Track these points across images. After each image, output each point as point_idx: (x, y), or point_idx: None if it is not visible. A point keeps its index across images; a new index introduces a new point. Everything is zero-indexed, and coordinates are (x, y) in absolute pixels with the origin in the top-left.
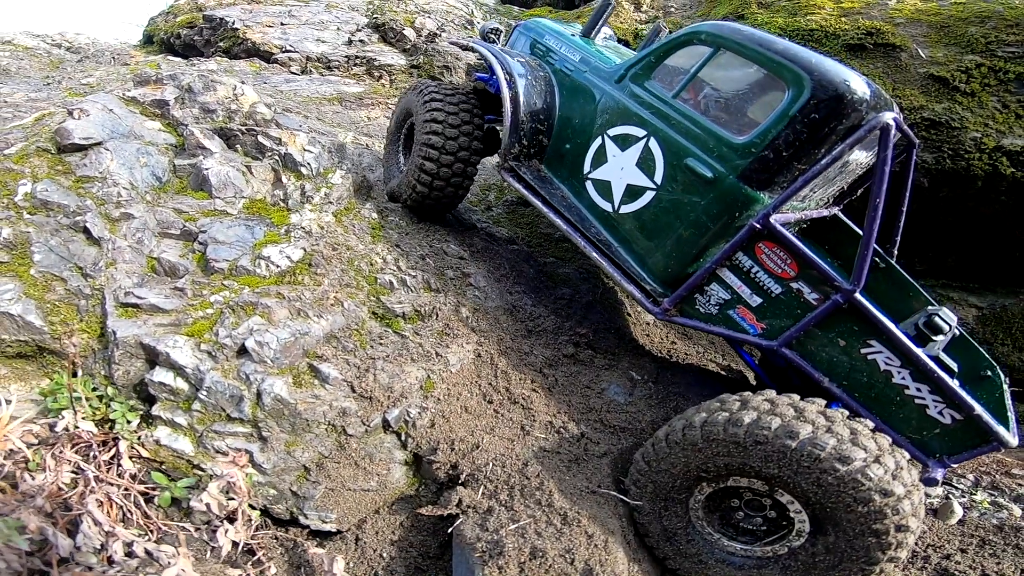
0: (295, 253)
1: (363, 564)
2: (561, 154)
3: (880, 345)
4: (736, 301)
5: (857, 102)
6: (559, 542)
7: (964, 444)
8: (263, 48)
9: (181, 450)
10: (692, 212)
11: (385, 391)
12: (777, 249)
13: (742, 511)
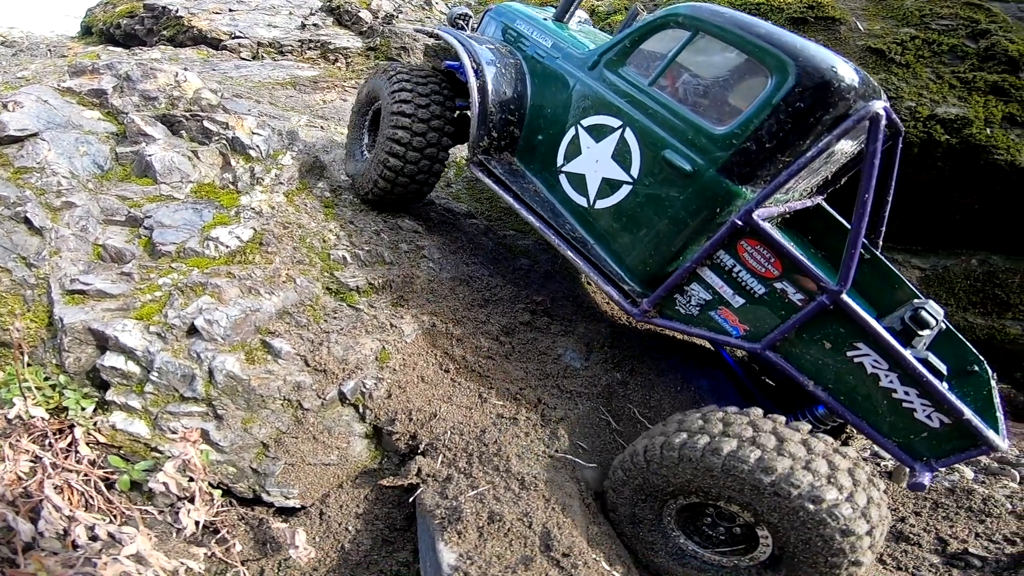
0: (245, 233)
1: (328, 538)
2: (533, 146)
3: (867, 348)
4: (718, 302)
5: (845, 90)
6: (517, 506)
7: (953, 448)
8: (210, 35)
9: (137, 433)
10: (671, 207)
11: (340, 363)
12: (760, 247)
13: (711, 518)
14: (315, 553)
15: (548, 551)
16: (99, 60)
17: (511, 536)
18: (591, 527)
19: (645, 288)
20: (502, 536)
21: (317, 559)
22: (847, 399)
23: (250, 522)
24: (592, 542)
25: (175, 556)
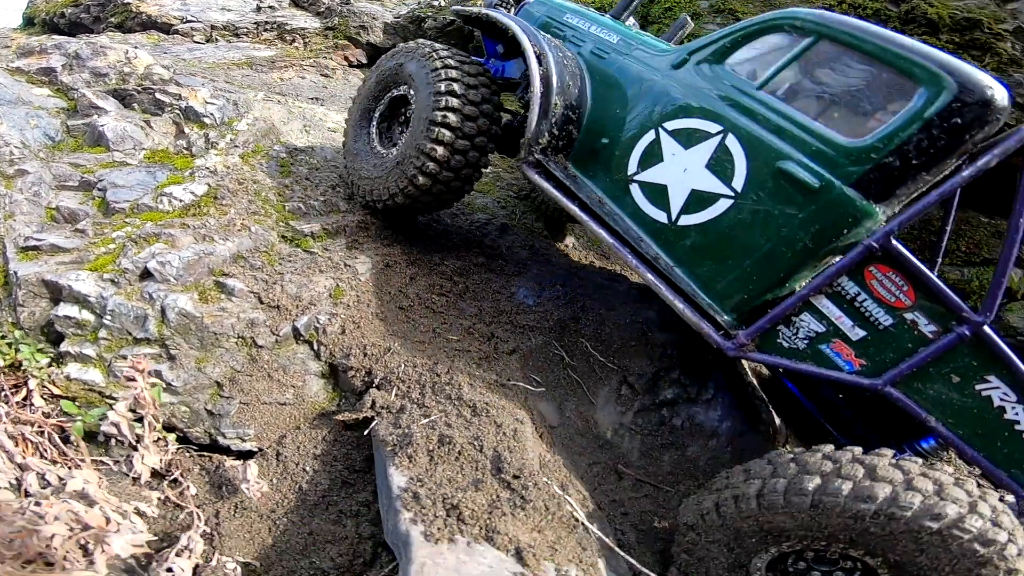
0: (199, 188)
1: (286, 479)
2: (595, 150)
3: (999, 381)
4: (832, 334)
5: (1000, 110)
6: (468, 431)
7: None
8: (160, 20)
9: (92, 381)
10: (785, 226)
11: (293, 300)
12: (892, 273)
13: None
14: (267, 487)
15: (499, 473)
16: (47, 42)
17: (462, 460)
18: (543, 453)
19: (735, 319)
20: (452, 460)
21: (275, 501)
22: (966, 433)
23: (206, 467)
24: (545, 467)
25: (127, 499)
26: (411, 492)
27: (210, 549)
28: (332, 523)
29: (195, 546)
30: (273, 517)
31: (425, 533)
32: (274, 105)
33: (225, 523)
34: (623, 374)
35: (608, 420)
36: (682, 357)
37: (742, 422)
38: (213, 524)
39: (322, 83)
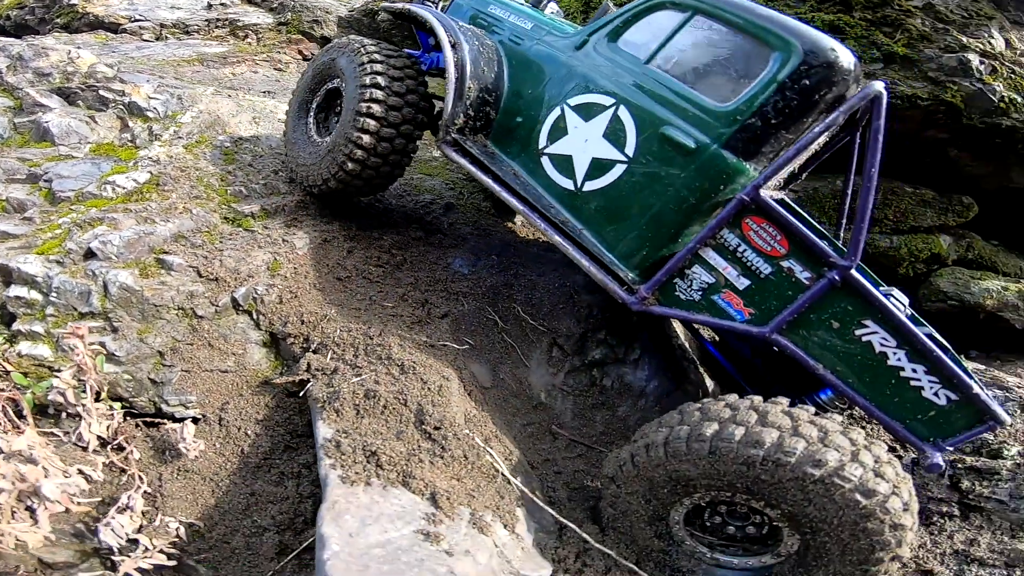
0: (142, 176)
1: (229, 444)
2: (511, 129)
3: (875, 325)
4: (721, 285)
5: (845, 71)
6: (394, 387)
7: (959, 426)
8: (108, 20)
9: (41, 356)
10: (670, 186)
11: (232, 273)
12: (766, 224)
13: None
14: (204, 446)
15: (421, 424)
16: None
17: (387, 413)
18: (471, 410)
19: (638, 274)
20: (378, 414)
21: (218, 464)
22: (855, 381)
23: (150, 434)
24: (470, 422)
25: (72, 463)
26: (334, 442)
27: (153, 510)
28: (274, 484)
29: (136, 504)
30: (216, 479)
31: (342, 476)
32: (223, 99)
33: (168, 485)
34: (553, 336)
35: (541, 382)
36: (608, 318)
37: (670, 381)
38: (156, 486)
39: (275, 77)
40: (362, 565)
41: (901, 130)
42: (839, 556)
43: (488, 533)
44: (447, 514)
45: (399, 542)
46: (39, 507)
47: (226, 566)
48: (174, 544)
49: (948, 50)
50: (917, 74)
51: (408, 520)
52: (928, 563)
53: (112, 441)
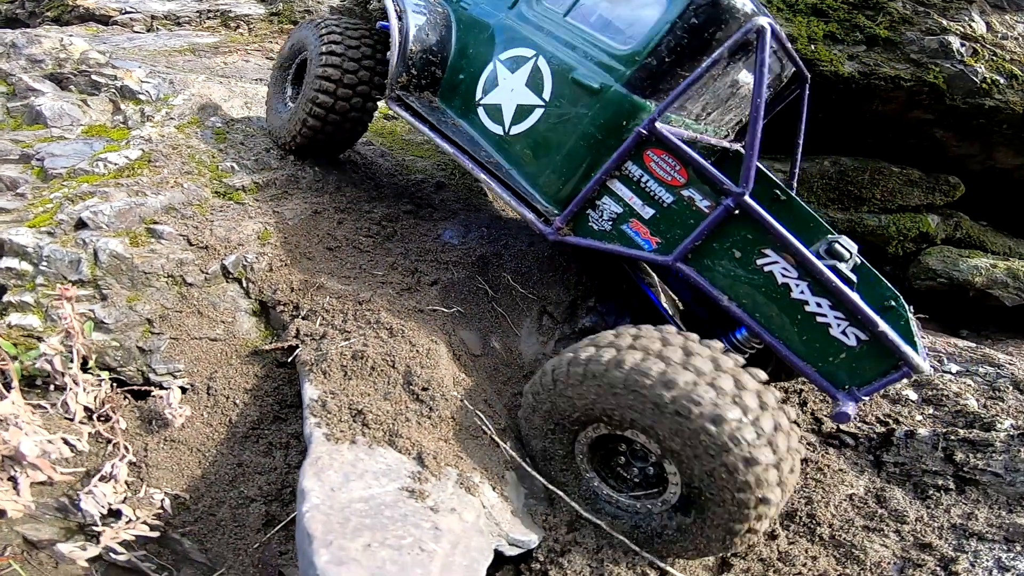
0: (133, 153)
1: (216, 414)
2: (455, 85)
3: (775, 255)
4: (628, 214)
5: (735, 11)
6: (382, 348)
7: (873, 371)
8: (99, 12)
9: (30, 325)
10: (580, 124)
11: (222, 242)
12: (666, 156)
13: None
14: (190, 412)
15: (408, 385)
16: None
17: (375, 375)
18: (458, 374)
19: (558, 207)
20: (365, 375)
21: (205, 434)
22: (763, 317)
23: (137, 404)
24: (459, 385)
25: (57, 432)
26: (320, 401)
27: (137, 481)
28: (261, 455)
29: (119, 473)
30: (202, 450)
31: (327, 434)
32: (215, 85)
33: (153, 455)
34: (543, 304)
35: (531, 350)
36: (597, 286)
37: None
38: (141, 457)
39: (267, 66)
40: (343, 518)
41: (886, 111)
42: (710, 501)
43: (476, 494)
44: (433, 473)
45: (383, 498)
46: (20, 475)
47: (211, 538)
48: (158, 516)
49: (929, 32)
50: (899, 56)
51: (393, 477)
52: (926, 536)
53: (98, 411)
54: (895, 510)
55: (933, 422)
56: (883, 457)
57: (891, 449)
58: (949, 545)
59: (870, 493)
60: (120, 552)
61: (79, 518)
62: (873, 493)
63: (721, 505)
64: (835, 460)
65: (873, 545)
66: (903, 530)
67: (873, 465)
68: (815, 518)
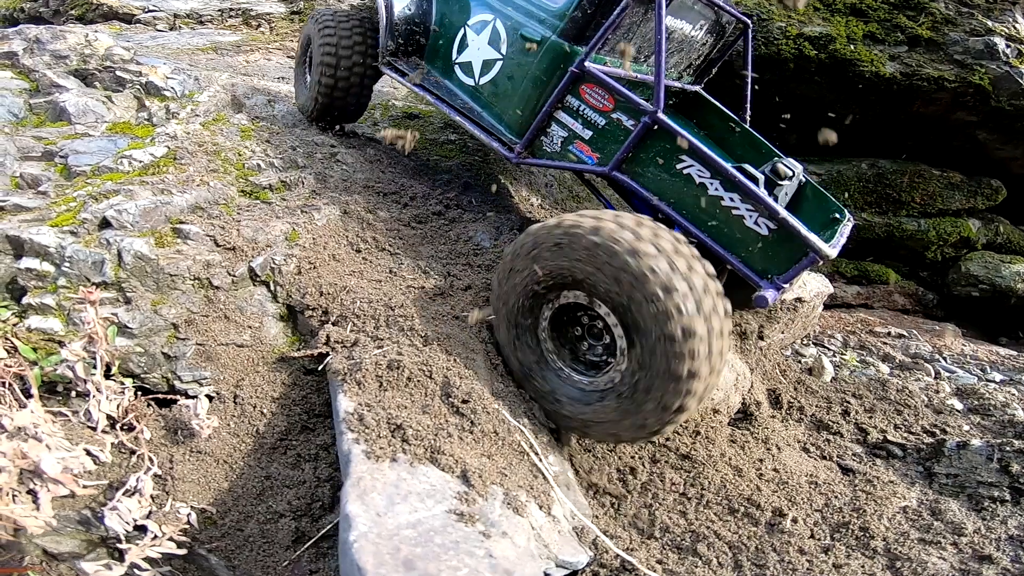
0: (159, 151)
1: (243, 423)
2: (436, 49)
3: (690, 159)
4: (573, 137)
5: None
6: (418, 358)
7: (788, 259)
8: (122, 11)
9: (51, 329)
10: (530, 70)
11: (249, 243)
12: (597, 88)
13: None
14: (218, 423)
15: (448, 398)
16: (7, 29)
17: (411, 385)
18: (496, 383)
19: (519, 139)
20: (402, 386)
21: (232, 445)
22: (689, 213)
23: (162, 412)
24: (499, 396)
25: (79, 443)
26: (357, 415)
27: (163, 494)
28: (290, 467)
29: (144, 487)
30: (229, 462)
31: (367, 451)
32: (239, 82)
33: (179, 467)
34: None
35: None
36: None
37: None
38: (167, 469)
39: (288, 64)
40: (392, 548)
41: (928, 113)
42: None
43: (524, 514)
44: (479, 493)
45: (431, 522)
46: (41, 489)
47: (239, 555)
48: (184, 531)
49: (974, 33)
50: (943, 57)
51: (439, 499)
52: (985, 549)
53: (122, 420)
54: (951, 522)
55: (983, 432)
56: (934, 468)
57: (942, 460)
58: (1008, 557)
59: (923, 505)
60: (145, 569)
61: (102, 531)
62: (927, 505)
63: (660, 376)
64: (883, 472)
65: (931, 558)
66: (960, 542)
67: (923, 476)
68: (868, 531)
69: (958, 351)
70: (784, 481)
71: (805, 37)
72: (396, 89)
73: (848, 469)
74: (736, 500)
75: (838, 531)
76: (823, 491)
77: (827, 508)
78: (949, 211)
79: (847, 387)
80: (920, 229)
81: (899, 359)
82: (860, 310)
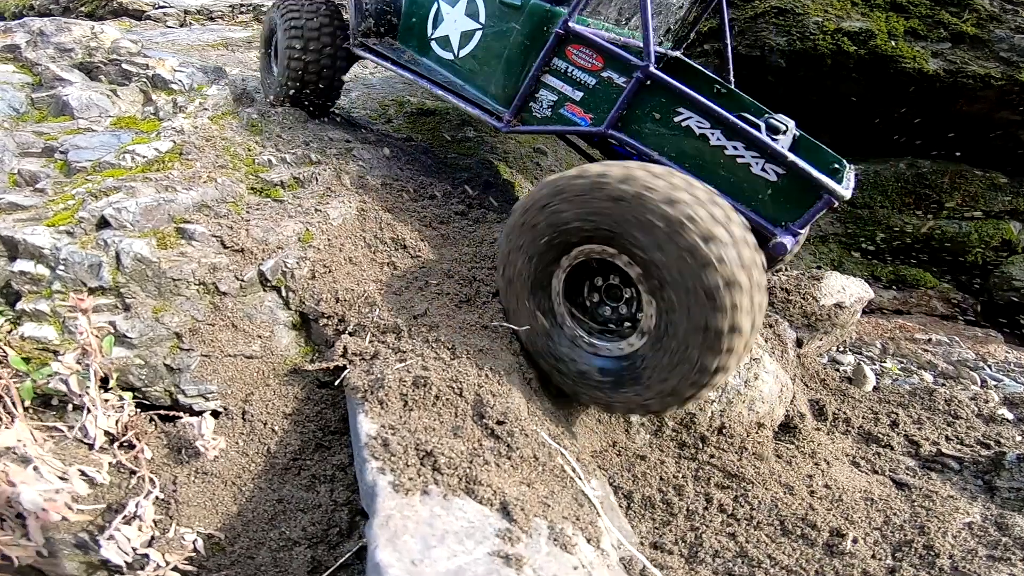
0: (164, 145)
1: (253, 441)
2: (409, 27)
3: (687, 111)
4: (563, 100)
5: None
6: (446, 373)
7: (801, 203)
8: (132, 8)
9: (45, 338)
10: (512, 36)
11: (259, 244)
12: (584, 48)
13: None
14: (224, 444)
15: (481, 419)
16: (12, 22)
17: (439, 404)
18: (532, 401)
19: (507, 107)
20: (429, 405)
21: (240, 465)
22: (692, 165)
23: (165, 429)
24: (534, 415)
25: (73, 462)
26: (380, 439)
27: (166, 519)
28: (304, 489)
29: (145, 513)
30: (238, 483)
31: (394, 483)
32: (249, 76)
33: (183, 490)
34: None
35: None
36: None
37: None
38: (170, 491)
39: None
40: None
41: (971, 111)
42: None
43: (572, 551)
44: (523, 528)
45: (474, 569)
46: (29, 516)
47: None
48: (190, 559)
49: (1020, 31)
50: (988, 54)
51: (479, 539)
52: None
53: (121, 437)
54: (1019, 537)
55: None
56: (995, 482)
57: (1003, 473)
58: None
59: (988, 520)
60: None
61: (102, 553)
62: (992, 520)
63: (695, 334)
64: (941, 486)
65: None
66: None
67: (984, 490)
68: (933, 549)
69: (1002, 358)
70: (838, 498)
71: (843, 32)
72: (409, 86)
73: (903, 484)
74: (790, 520)
75: (901, 550)
76: (880, 508)
77: (886, 526)
78: (991, 213)
79: (891, 397)
80: (961, 231)
81: (941, 367)
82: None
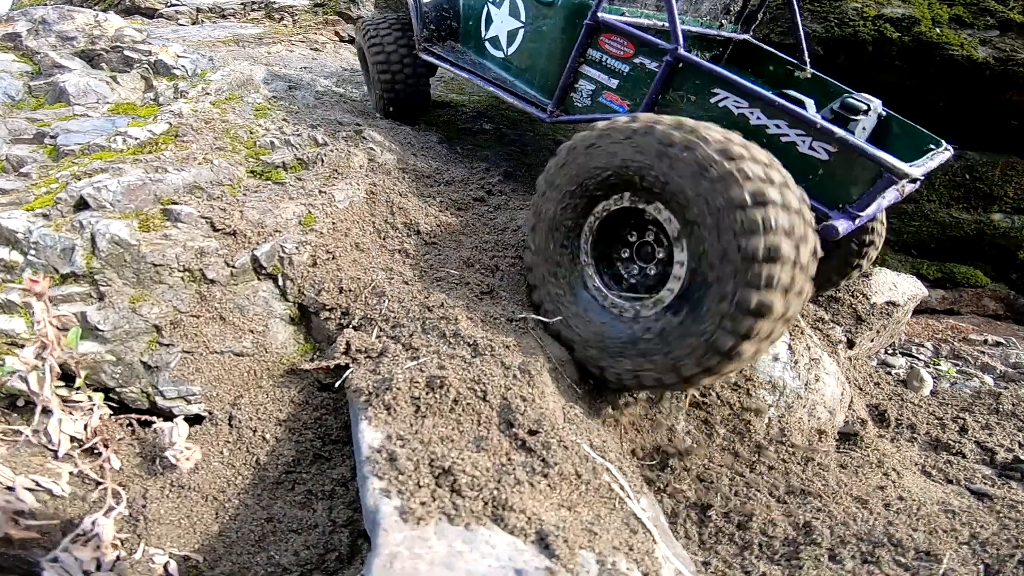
0: (159, 127)
1: (240, 450)
2: (467, 31)
3: (723, 91)
4: (601, 88)
5: None
6: (467, 373)
7: (860, 183)
8: (145, 6)
9: (13, 330)
10: (550, 32)
11: (254, 227)
12: (615, 37)
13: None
14: (200, 455)
15: (509, 427)
16: (14, 11)
17: (459, 410)
18: (569, 407)
19: (549, 98)
20: (446, 411)
21: (224, 478)
22: None
23: (138, 435)
24: (570, 422)
25: (26, 472)
26: (387, 453)
27: (134, 537)
28: (298, 507)
29: (104, 531)
30: (221, 499)
31: (402, 509)
32: (258, 68)
33: (155, 505)
34: None
35: None
36: None
37: None
38: (139, 506)
39: (311, 56)
40: None
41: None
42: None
43: None
44: (566, 565)
45: None
46: None
47: None
48: None
49: None
50: None
51: None
52: None
53: (90, 442)
54: None
55: None
56: None
57: None
58: None
59: None
60: None
61: None
62: None
63: (721, 299)
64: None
65: None
66: None
67: None
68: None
69: None
70: (915, 512)
71: (886, 19)
72: None
73: (982, 494)
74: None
75: (997, 568)
76: (963, 521)
77: (974, 541)
78: None
79: (953, 401)
80: (1014, 227)
81: (1000, 369)
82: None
